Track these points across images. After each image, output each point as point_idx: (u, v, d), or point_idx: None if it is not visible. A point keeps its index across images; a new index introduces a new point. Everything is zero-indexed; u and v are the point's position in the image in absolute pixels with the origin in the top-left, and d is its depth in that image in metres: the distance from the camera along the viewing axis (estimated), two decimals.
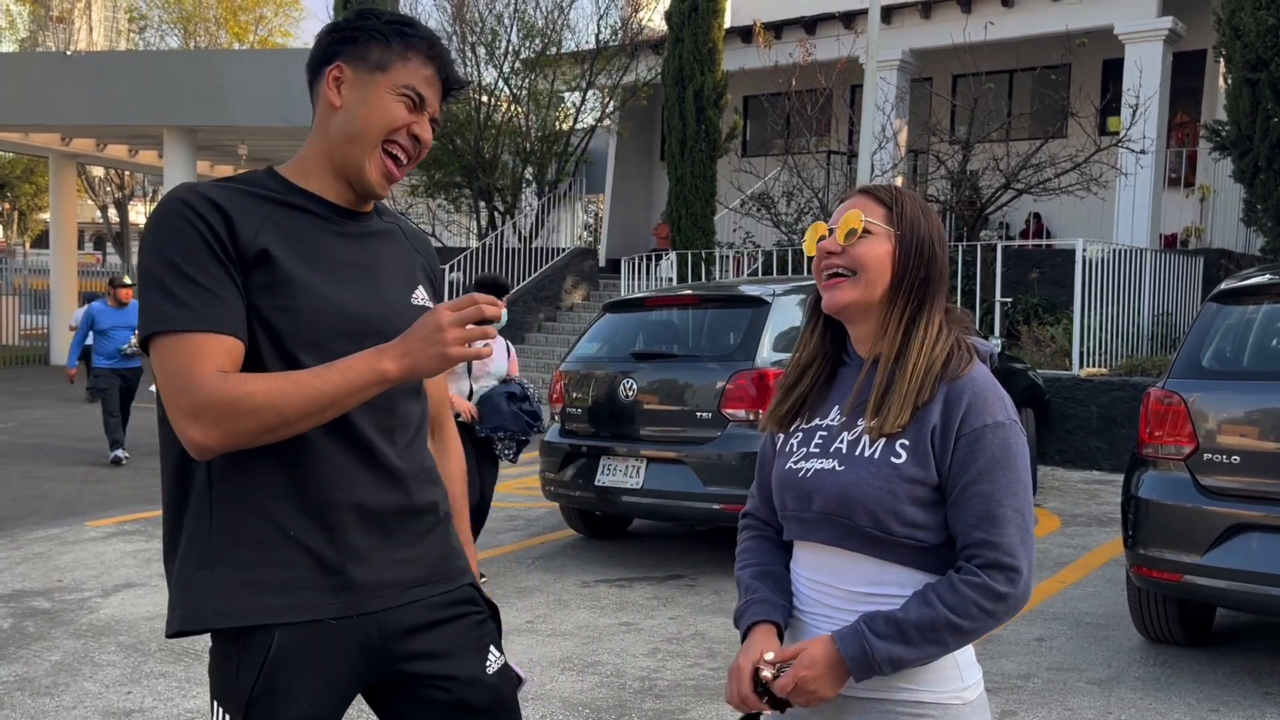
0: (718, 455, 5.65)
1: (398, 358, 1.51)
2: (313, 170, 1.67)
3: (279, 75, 17.54)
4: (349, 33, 1.65)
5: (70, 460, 10.03)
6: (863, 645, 1.49)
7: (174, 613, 1.60)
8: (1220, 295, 4.48)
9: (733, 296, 6.41)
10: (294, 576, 1.58)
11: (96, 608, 5.21)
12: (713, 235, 14.37)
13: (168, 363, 1.51)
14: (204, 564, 1.57)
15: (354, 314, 1.62)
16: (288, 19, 37.70)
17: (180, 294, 1.51)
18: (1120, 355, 10.56)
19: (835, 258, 1.60)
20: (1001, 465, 1.51)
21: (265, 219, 1.59)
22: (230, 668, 1.58)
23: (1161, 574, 4.15)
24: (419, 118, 1.66)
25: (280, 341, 1.57)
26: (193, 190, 1.58)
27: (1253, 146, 10.58)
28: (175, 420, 1.51)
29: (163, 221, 1.55)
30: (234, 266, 1.55)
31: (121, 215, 34.57)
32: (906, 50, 14.68)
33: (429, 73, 1.66)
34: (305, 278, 1.59)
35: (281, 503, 1.58)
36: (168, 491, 1.63)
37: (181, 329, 1.51)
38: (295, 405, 1.49)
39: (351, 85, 1.64)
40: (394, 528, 1.66)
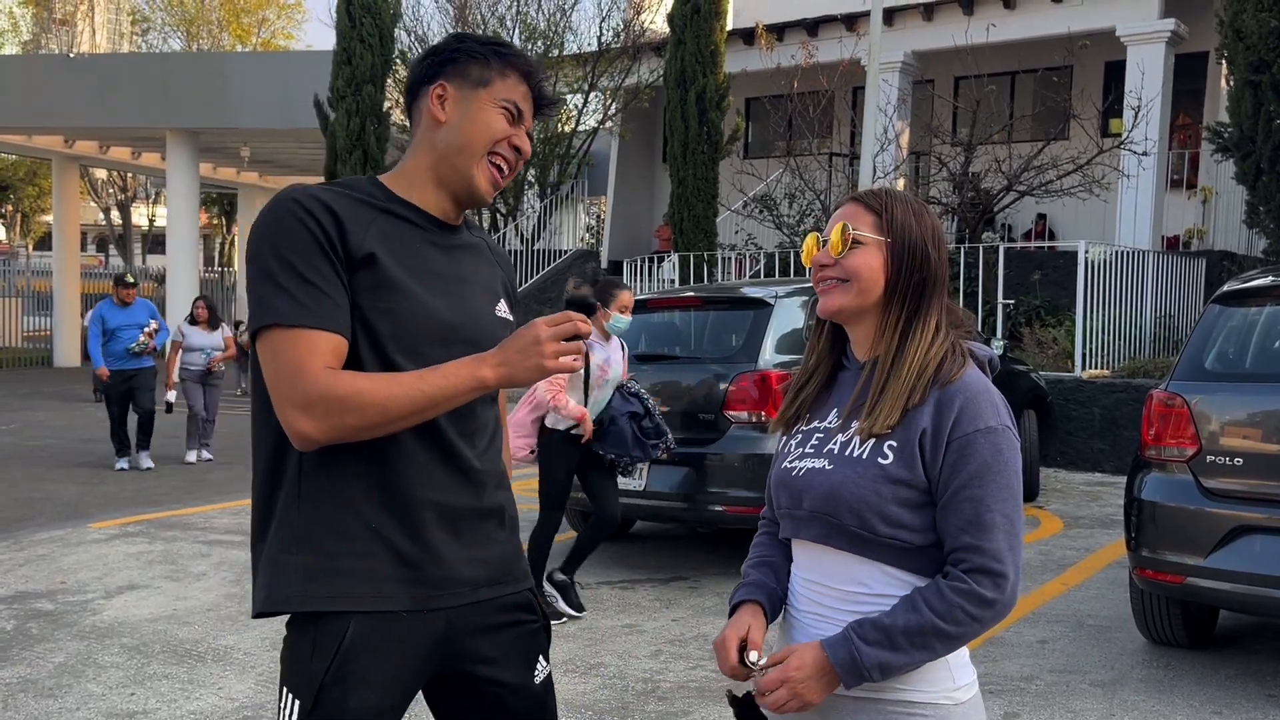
0: (720, 457, 5.65)
1: (495, 366, 1.60)
2: (416, 182, 1.75)
3: (281, 78, 17.57)
4: (448, 54, 1.75)
5: (74, 462, 10.05)
6: (852, 652, 1.51)
7: (258, 594, 1.67)
8: (1223, 297, 4.48)
9: (735, 298, 6.42)
10: (372, 567, 1.64)
11: (100, 609, 5.21)
12: (715, 237, 14.37)
13: (279, 355, 1.57)
14: (289, 550, 1.64)
15: (447, 322, 1.70)
16: (290, 22, 37.83)
17: (293, 290, 1.58)
18: (1123, 357, 10.56)
19: (828, 269, 1.63)
20: (992, 470, 1.52)
21: (371, 224, 1.67)
22: (304, 654, 1.63)
23: (1164, 576, 4.15)
24: (518, 130, 1.75)
25: (378, 342, 1.64)
26: (306, 192, 1.65)
27: (1255, 148, 10.58)
28: (283, 412, 1.57)
29: (277, 220, 1.62)
30: (342, 267, 1.62)
31: (124, 217, 34.59)
32: (908, 52, 14.68)
33: (525, 89, 1.75)
34: (406, 283, 1.66)
35: (366, 497, 1.64)
36: (259, 479, 1.69)
37: (293, 323, 1.57)
38: (399, 405, 1.57)
39: (455, 101, 1.73)
40: (468, 528, 1.73)
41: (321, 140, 15.56)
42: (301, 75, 16.64)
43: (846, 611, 1.58)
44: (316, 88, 15.30)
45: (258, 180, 24.77)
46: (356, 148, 14.93)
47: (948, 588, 1.50)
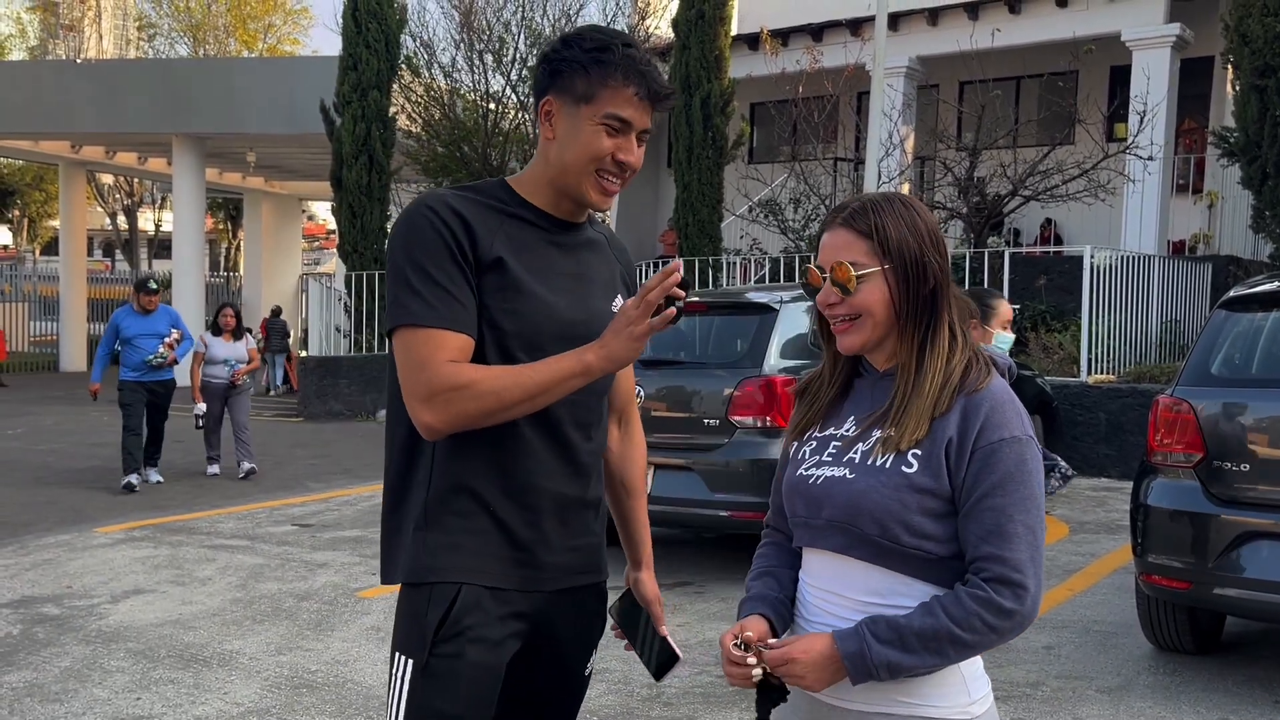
0: (725, 462, 5.65)
1: (597, 350, 1.69)
2: (538, 187, 1.82)
3: (287, 83, 17.62)
4: (556, 65, 1.77)
5: (80, 466, 10.07)
6: (862, 646, 1.49)
7: (392, 566, 1.82)
8: (1229, 302, 4.47)
9: (740, 304, 6.41)
10: (486, 544, 1.77)
11: (105, 614, 5.22)
12: (719, 242, 14.38)
13: (410, 352, 1.69)
14: (420, 526, 1.78)
15: (568, 320, 1.80)
16: (296, 27, 37.89)
17: (425, 292, 1.69)
18: (1128, 362, 10.54)
19: (836, 307, 1.61)
20: (1016, 480, 1.50)
21: (499, 229, 1.76)
22: (418, 614, 1.76)
23: (1171, 582, 4.13)
24: (623, 141, 1.77)
25: (504, 340, 1.75)
26: (440, 199, 1.76)
27: (1261, 153, 10.56)
28: (410, 404, 1.70)
29: (412, 225, 1.73)
30: (471, 271, 1.72)
31: (131, 222, 34.71)
32: (913, 57, 14.68)
33: (629, 93, 1.74)
34: (530, 285, 1.76)
35: (489, 483, 1.77)
36: (394, 464, 1.83)
37: (424, 324, 1.69)
38: (512, 392, 1.67)
39: (560, 118, 1.77)
40: (572, 517, 1.85)
41: (327, 145, 15.59)
42: (307, 81, 16.68)
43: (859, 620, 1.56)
44: (322, 93, 15.34)
45: (264, 185, 24.83)
46: (362, 153, 14.96)
47: (966, 595, 1.48)
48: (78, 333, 22.76)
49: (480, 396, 1.66)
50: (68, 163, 22.17)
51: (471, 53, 15.54)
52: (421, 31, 16.36)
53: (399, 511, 1.83)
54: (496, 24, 15.56)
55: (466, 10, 15.42)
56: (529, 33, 15.52)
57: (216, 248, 38.27)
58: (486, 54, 15.53)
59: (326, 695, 4.13)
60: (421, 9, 30.71)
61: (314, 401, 14.43)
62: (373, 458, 10.71)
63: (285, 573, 6.04)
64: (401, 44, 15.41)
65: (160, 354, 8.80)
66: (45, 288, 24.97)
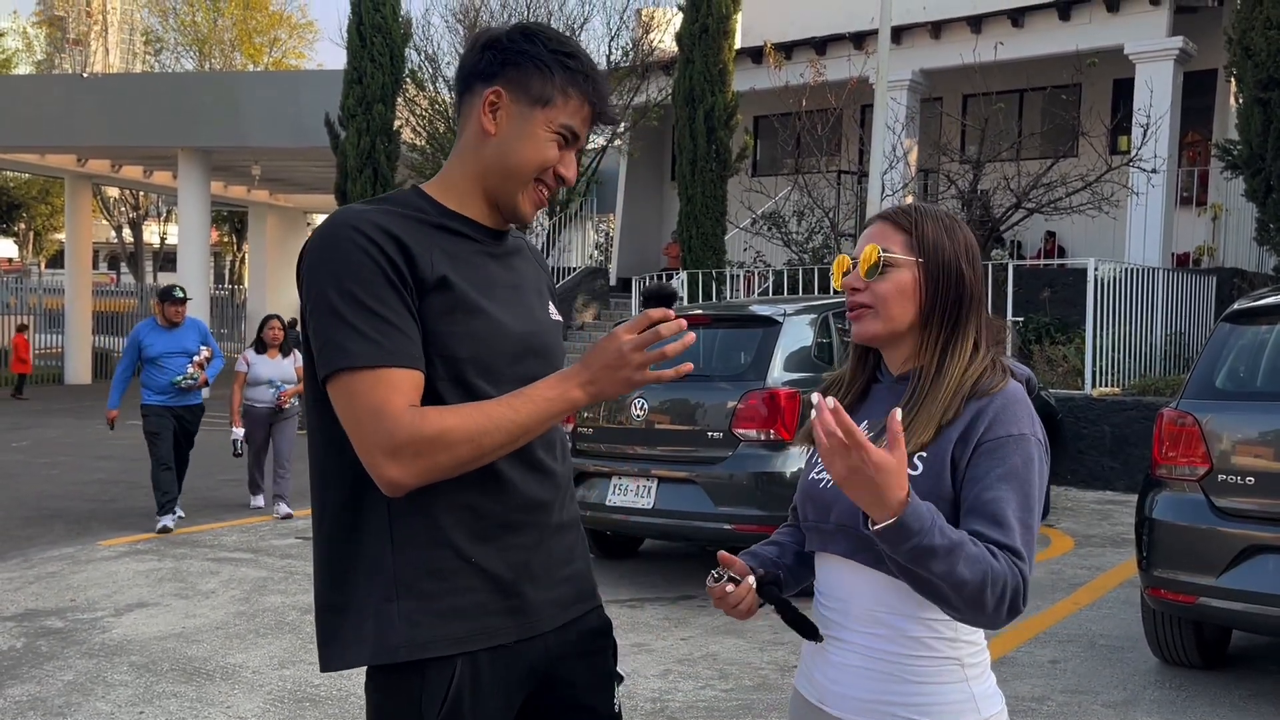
0: (729, 475, 5.64)
1: (584, 385, 1.53)
2: (463, 193, 1.64)
3: (293, 97, 17.69)
4: (513, 56, 1.59)
5: (85, 480, 10.07)
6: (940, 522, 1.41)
7: (349, 647, 1.56)
8: (1233, 315, 4.47)
9: (744, 316, 6.42)
10: (477, 602, 1.57)
11: (109, 627, 5.22)
12: (723, 254, 14.39)
13: (359, 399, 1.47)
14: (390, 597, 1.54)
15: (516, 334, 1.63)
16: (302, 41, 38.11)
17: (363, 328, 1.48)
18: (1133, 375, 10.52)
19: (859, 293, 1.61)
20: (1019, 477, 1.49)
21: (433, 244, 1.57)
22: (407, 702, 1.55)
23: (1176, 596, 4.12)
24: (566, 155, 1.64)
25: (458, 367, 1.55)
26: (363, 218, 1.54)
27: (1264, 165, 10.56)
28: (369, 459, 1.48)
29: (337, 251, 1.51)
30: (412, 296, 1.52)
31: (136, 235, 34.84)
32: (917, 70, 14.72)
33: (586, 113, 1.63)
34: (477, 301, 1.58)
35: (459, 529, 1.56)
36: (329, 530, 1.59)
37: (368, 364, 1.47)
38: (492, 438, 1.49)
39: (509, 115, 1.60)
40: (555, 543, 1.68)
41: (332, 158, 15.65)
42: (313, 94, 16.74)
43: (867, 634, 1.55)
44: (327, 107, 15.40)
45: (268, 198, 24.91)
46: (367, 166, 15.01)
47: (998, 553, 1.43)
48: (83, 346, 22.81)
49: (454, 445, 1.47)
50: (73, 176, 22.25)
51: None
52: (426, 45, 16.41)
53: (346, 584, 1.56)
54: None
55: (471, 25, 15.49)
56: None
57: (221, 261, 38.38)
58: None
59: (329, 709, 4.12)
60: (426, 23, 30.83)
61: None
62: None
63: (289, 586, 6.03)
64: (406, 58, 15.48)
65: (189, 375, 7.58)
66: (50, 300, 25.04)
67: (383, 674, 1.57)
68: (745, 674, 4.52)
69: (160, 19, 37.53)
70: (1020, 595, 1.43)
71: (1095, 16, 13.53)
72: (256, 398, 8.24)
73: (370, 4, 15.02)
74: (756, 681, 4.43)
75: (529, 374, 1.60)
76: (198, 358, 7.63)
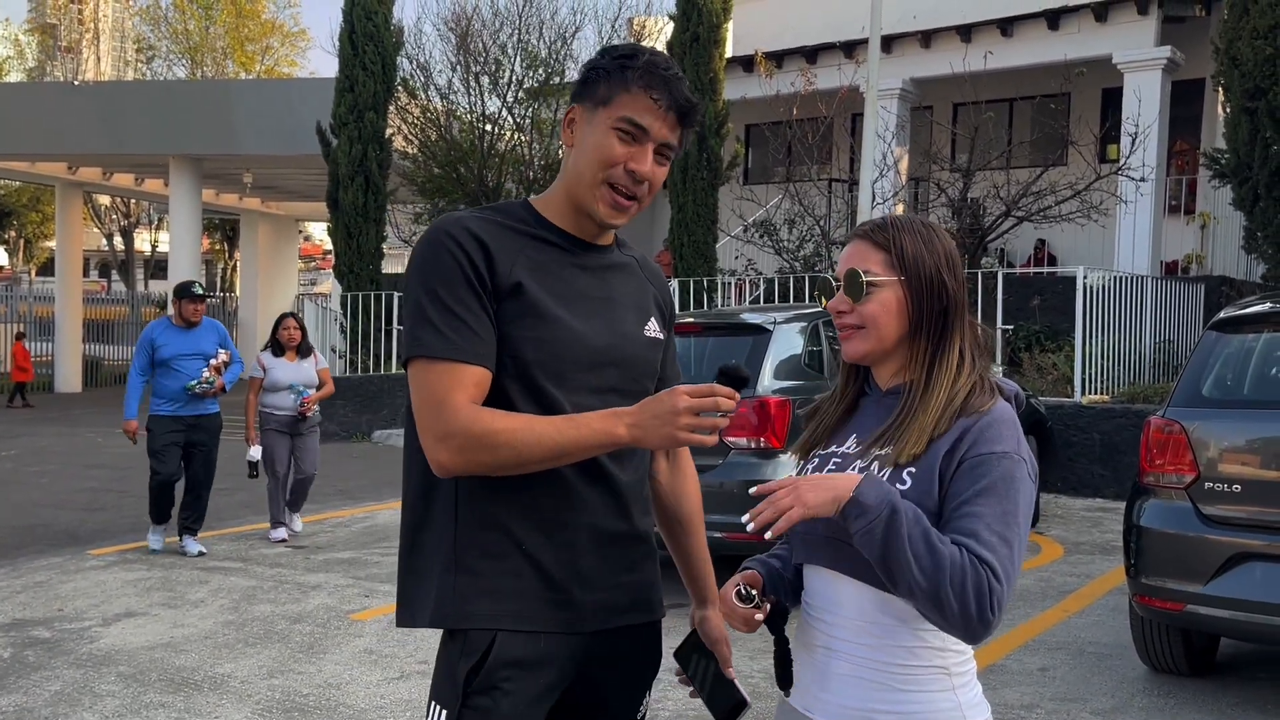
0: (719, 484, 5.64)
1: (630, 427, 1.60)
2: (558, 205, 1.75)
3: (285, 104, 17.67)
4: (586, 74, 1.71)
5: (73, 488, 10.03)
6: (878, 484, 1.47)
7: (415, 610, 1.73)
8: (1220, 324, 4.49)
9: (734, 324, 6.43)
10: (522, 587, 1.68)
11: (97, 637, 5.20)
12: (715, 263, 14.42)
13: (425, 386, 1.63)
14: (449, 570, 1.68)
15: (594, 346, 1.71)
16: (294, 49, 38.04)
17: (439, 323, 1.62)
18: (1122, 383, 10.56)
19: (845, 315, 1.62)
20: (999, 493, 1.48)
21: (519, 252, 1.68)
22: (452, 666, 1.69)
23: (1164, 603, 4.14)
24: (636, 150, 1.67)
25: (526, 369, 1.66)
26: (458, 223, 1.67)
27: (1252, 174, 10.62)
28: (424, 440, 1.63)
29: (428, 251, 1.66)
30: (489, 298, 1.64)
31: (127, 243, 34.75)
32: (907, 79, 14.78)
33: (649, 101, 1.65)
34: (553, 310, 1.68)
35: (520, 519, 1.68)
36: (412, 499, 1.74)
37: (439, 356, 1.62)
38: (532, 451, 1.60)
39: (579, 124, 1.71)
40: (615, 552, 1.75)
41: (324, 166, 15.63)
42: (304, 102, 16.73)
43: (856, 643, 1.56)
44: (319, 114, 15.39)
45: (260, 206, 24.87)
46: (358, 174, 15.00)
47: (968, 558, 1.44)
48: (73, 354, 22.74)
49: (497, 449, 1.59)
50: (64, 184, 22.20)
51: (468, 75, 15.62)
52: (418, 54, 16.39)
53: (419, 552, 1.73)
54: (493, 46, 15.65)
55: (463, 33, 15.50)
56: (525, 55, 15.60)
57: (213, 268, 38.31)
58: (483, 76, 15.60)
59: (318, 719, 4.11)
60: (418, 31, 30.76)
61: None
62: (368, 479, 10.69)
63: (278, 595, 6.02)
64: (398, 66, 15.48)
65: (205, 379, 6.79)
66: (41, 308, 24.95)
67: (444, 639, 1.72)
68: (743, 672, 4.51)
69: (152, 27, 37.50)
70: (987, 601, 1.42)
71: (1084, 26, 13.61)
72: (276, 404, 7.34)
73: (362, 12, 15.03)
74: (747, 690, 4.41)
75: (606, 384, 1.72)
76: (215, 361, 6.88)
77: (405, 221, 17.26)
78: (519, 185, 15.61)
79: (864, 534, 1.45)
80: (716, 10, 14.22)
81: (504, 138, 15.64)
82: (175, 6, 36.10)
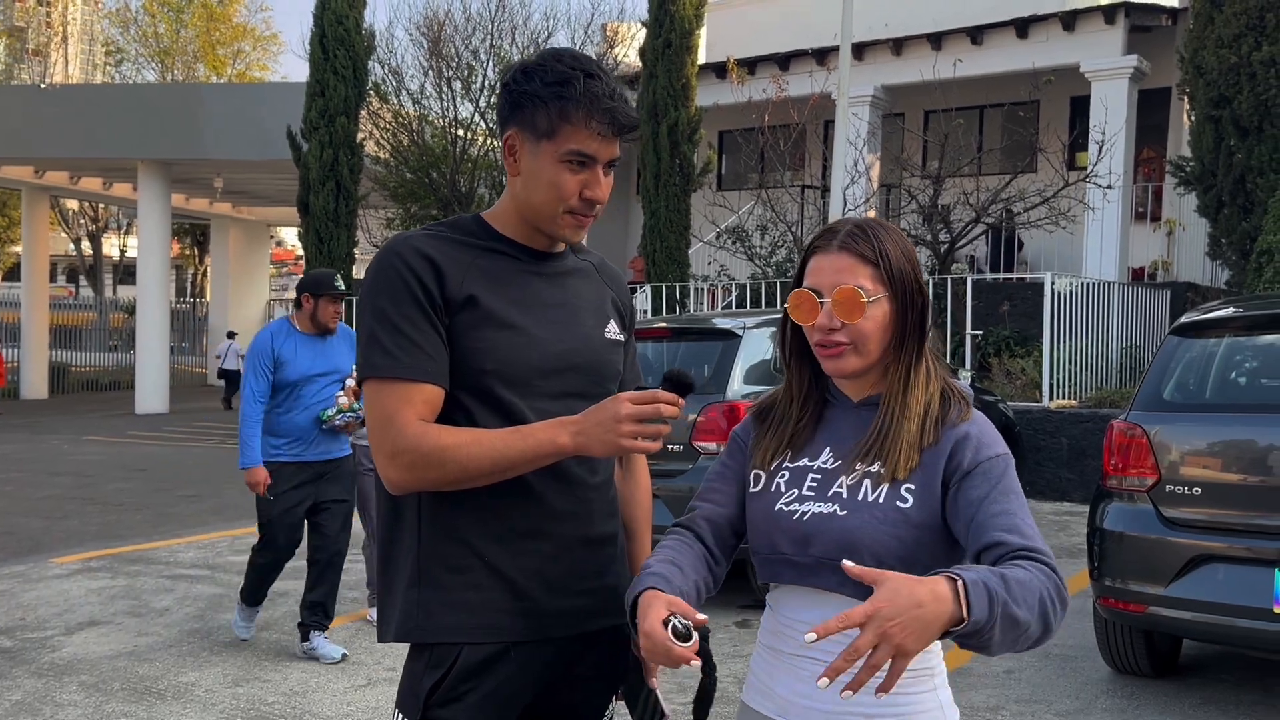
0: (690, 488, 5.65)
1: (574, 435, 1.62)
2: (509, 219, 1.77)
3: (255, 108, 17.57)
4: (517, 97, 1.69)
5: (38, 496, 9.90)
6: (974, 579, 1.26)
7: (386, 625, 1.75)
8: (1181, 328, 4.54)
9: (704, 329, 6.44)
10: (485, 599, 1.69)
11: (59, 646, 5.13)
12: (687, 268, 14.45)
13: (375, 406, 1.66)
14: (413, 584, 1.71)
15: (554, 351, 1.73)
16: (266, 53, 37.84)
17: (388, 343, 1.65)
18: (1090, 387, 10.66)
19: (836, 333, 1.54)
20: (1014, 491, 1.50)
21: (471, 265, 1.71)
22: (415, 679, 1.71)
23: (1127, 605, 4.17)
24: (588, 176, 1.70)
25: (484, 379, 1.68)
26: (406, 243, 1.70)
27: (1216, 182, 10.77)
28: (376, 458, 1.67)
29: (377, 274, 1.69)
30: (440, 314, 1.67)
31: (95, 248, 34.38)
32: (878, 86, 14.89)
33: (589, 131, 1.67)
34: (510, 318, 1.70)
35: (480, 529, 1.69)
36: (382, 515, 1.78)
37: (386, 375, 1.65)
38: (479, 465, 1.62)
39: (523, 154, 1.71)
40: (583, 557, 1.75)
41: (295, 171, 15.56)
42: (275, 107, 16.64)
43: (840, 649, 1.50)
44: (290, 119, 15.31)
45: (231, 210, 24.69)
46: (329, 178, 14.93)
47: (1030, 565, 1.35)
48: (39, 360, 22.46)
49: (444, 464, 1.61)
50: (31, 188, 21.94)
51: (440, 80, 15.59)
52: (390, 59, 16.37)
53: (390, 567, 1.75)
54: (465, 51, 15.63)
55: (435, 38, 15.48)
56: (497, 60, 15.59)
57: (183, 273, 37.98)
58: (455, 81, 15.58)
59: None
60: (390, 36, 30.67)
61: None
62: None
63: None
64: (370, 71, 15.43)
65: (347, 407, 4.87)
66: (6, 314, 24.64)
67: (410, 651, 1.74)
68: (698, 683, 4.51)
69: (122, 30, 37.17)
70: (1064, 593, 1.38)
71: (1052, 35, 13.76)
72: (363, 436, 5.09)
73: (333, 16, 14.97)
74: None
75: (567, 389, 1.74)
76: (351, 383, 4.92)
77: (377, 226, 17.20)
78: (491, 190, 15.59)
79: (981, 645, 1.29)
80: (689, 17, 14.27)
81: (476, 142, 15.62)
82: (145, 10, 35.81)
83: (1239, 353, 4.45)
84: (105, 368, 25.70)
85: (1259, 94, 10.30)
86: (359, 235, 15.76)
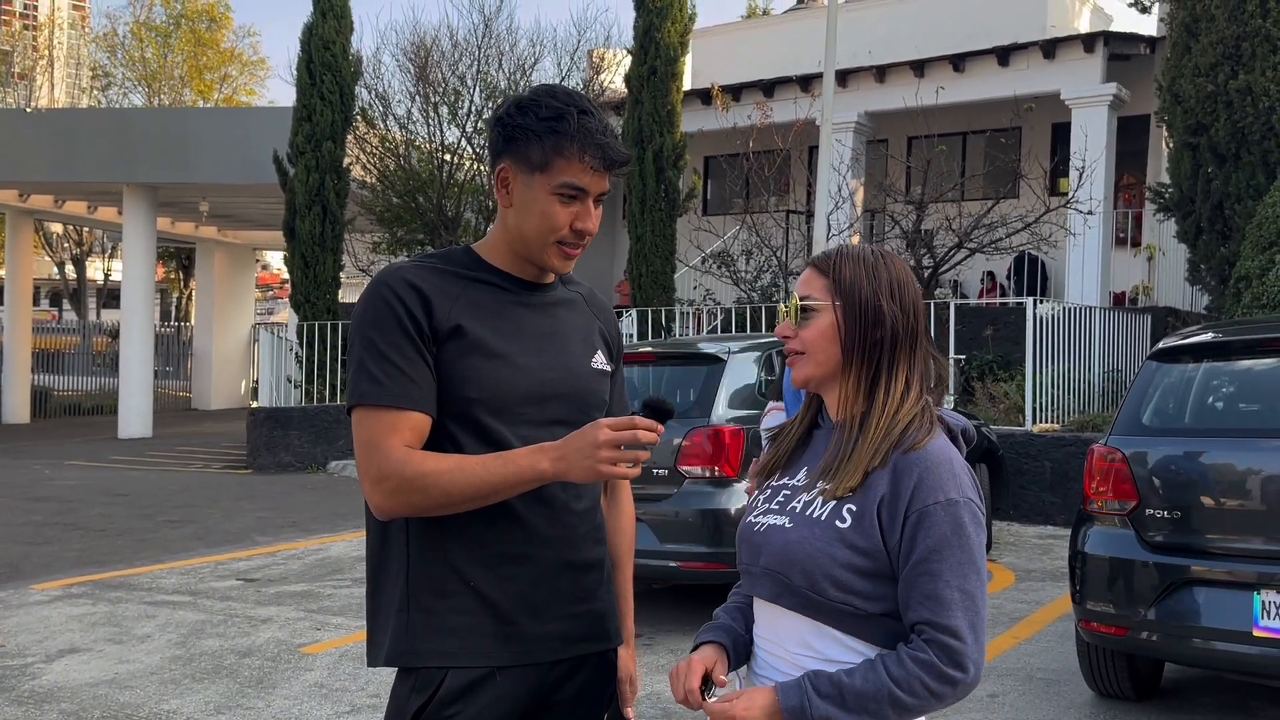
0: (675, 513, 5.66)
1: (554, 461, 1.65)
2: (499, 250, 1.81)
3: (241, 133, 17.58)
4: (510, 131, 1.74)
5: (17, 521, 9.82)
6: (803, 700, 1.48)
7: (376, 649, 1.78)
8: (1159, 354, 4.59)
9: (689, 354, 6.47)
10: (471, 624, 1.72)
11: (39, 674, 5.08)
12: (673, 293, 14.50)
13: (362, 433, 1.70)
14: (402, 608, 1.74)
15: (540, 379, 1.77)
16: (253, 78, 37.85)
17: (375, 371, 1.69)
18: (1073, 411, 10.73)
19: (790, 340, 1.65)
20: (951, 545, 1.49)
21: (459, 296, 1.75)
22: (401, 704, 1.73)
23: (1108, 629, 4.20)
24: (579, 209, 1.74)
25: (470, 407, 1.71)
26: (396, 274, 1.74)
27: (1194, 208, 10.89)
28: (363, 483, 1.70)
29: (366, 304, 1.73)
30: (427, 343, 1.71)
31: (79, 272, 34.23)
32: (862, 113, 15.03)
33: (582, 165, 1.71)
34: (497, 347, 1.74)
35: (466, 554, 1.72)
36: (371, 539, 1.80)
37: (374, 404, 1.68)
38: (462, 491, 1.65)
39: (516, 186, 1.75)
40: (569, 582, 1.78)
41: (281, 195, 15.55)
42: (262, 131, 16.65)
43: (798, 673, 1.56)
44: (277, 143, 15.32)
45: (217, 234, 24.64)
46: (315, 203, 14.94)
47: (909, 656, 1.47)
48: (21, 384, 22.29)
49: (428, 490, 1.65)
50: (14, 211, 21.84)
51: (427, 105, 15.64)
52: (377, 84, 16.40)
53: (379, 592, 1.78)
54: (451, 77, 15.70)
55: (422, 63, 15.54)
56: (484, 86, 15.67)
57: (168, 297, 37.82)
58: (442, 106, 15.64)
59: None
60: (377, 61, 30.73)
61: (263, 453, 14.22)
62: (322, 510, 10.57)
63: (228, 629, 5.92)
64: (356, 95, 15.47)
65: None
66: None
67: (397, 675, 1.76)
68: (688, 713, 4.51)
69: (109, 54, 37.16)
70: (944, 673, 1.47)
71: (1033, 63, 13.94)
72: None
73: (320, 42, 15.03)
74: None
75: (553, 416, 1.77)
76: None
77: (363, 251, 17.20)
78: (478, 215, 15.64)
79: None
80: (674, 44, 14.38)
81: (463, 167, 15.66)
82: (133, 34, 35.84)
83: (1217, 377, 4.50)
84: (88, 392, 25.51)
85: (1235, 122, 10.44)
86: (345, 259, 15.75)
